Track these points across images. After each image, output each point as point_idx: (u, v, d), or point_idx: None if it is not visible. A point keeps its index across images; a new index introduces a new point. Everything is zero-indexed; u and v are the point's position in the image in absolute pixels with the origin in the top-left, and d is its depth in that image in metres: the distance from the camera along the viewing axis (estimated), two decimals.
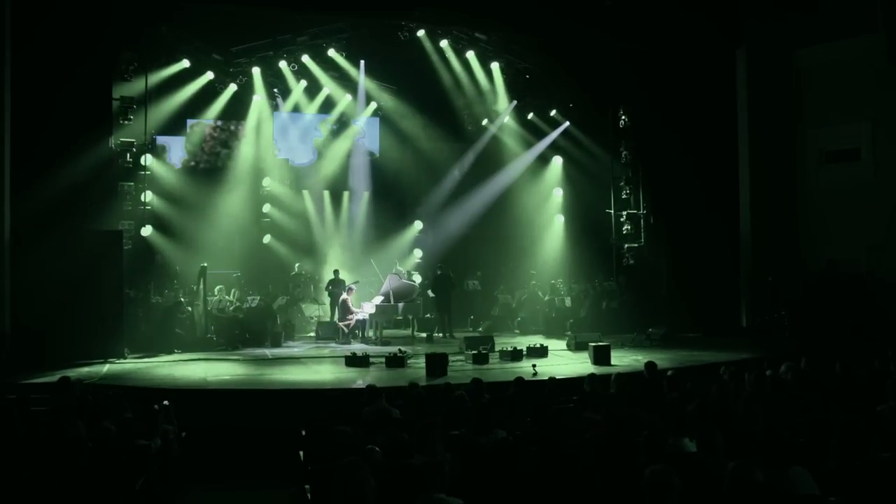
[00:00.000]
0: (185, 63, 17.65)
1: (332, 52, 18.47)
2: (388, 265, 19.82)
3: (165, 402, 8.85)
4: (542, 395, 9.22)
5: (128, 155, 15.72)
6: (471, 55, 18.75)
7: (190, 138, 20.00)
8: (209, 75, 18.30)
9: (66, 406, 8.42)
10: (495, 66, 19.15)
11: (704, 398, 8.03)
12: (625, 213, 19.21)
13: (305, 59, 18.50)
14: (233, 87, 18.83)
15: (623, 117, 19.07)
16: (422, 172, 21.50)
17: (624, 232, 19.22)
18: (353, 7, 16.45)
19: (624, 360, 13.94)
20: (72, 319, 13.45)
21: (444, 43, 18.30)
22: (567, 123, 20.52)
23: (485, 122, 21.18)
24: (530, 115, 20.85)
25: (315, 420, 8.66)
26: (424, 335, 18.04)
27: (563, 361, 13.97)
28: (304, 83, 19.44)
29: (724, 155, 18.47)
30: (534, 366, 12.28)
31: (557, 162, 21.13)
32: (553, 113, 20.56)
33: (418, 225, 21.75)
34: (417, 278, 20.15)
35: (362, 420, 8.35)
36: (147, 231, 17.22)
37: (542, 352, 14.40)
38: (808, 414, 7.93)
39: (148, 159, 17.33)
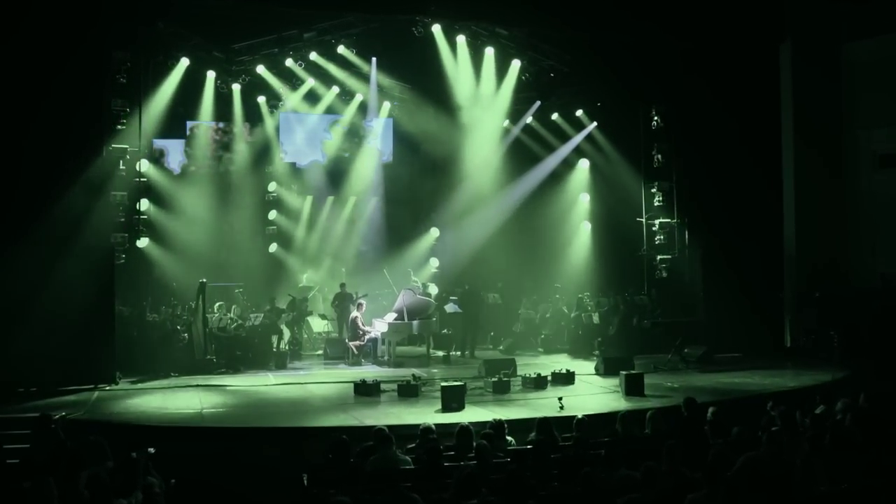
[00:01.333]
0: (185, 62, 17.21)
1: (341, 49, 17.92)
2: (402, 275, 19.46)
3: (151, 450, 8.28)
4: (569, 445, 8.54)
5: (121, 162, 15.13)
6: (490, 52, 18.15)
7: (190, 142, 19.68)
8: (210, 74, 17.94)
9: (39, 458, 7.88)
10: (516, 64, 18.51)
11: (755, 457, 7.33)
12: (657, 221, 18.65)
13: (313, 56, 18.00)
14: (236, 87, 18.51)
15: (655, 118, 18.52)
16: (438, 176, 20.98)
17: (656, 242, 18.66)
18: (362, 2, 15.87)
19: (659, 388, 13.24)
20: (58, 342, 13.00)
21: (461, 39, 17.68)
22: (594, 124, 20.00)
23: (506, 123, 20.67)
24: (555, 116, 20.33)
25: (317, 470, 8.14)
26: (441, 354, 17.48)
27: (592, 390, 13.31)
28: (311, 82, 18.95)
29: (767, 158, 17.74)
30: (560, 399, 11.62)
31: (584, 165, 20.60)
32: (579, 113, 20.05)
33: (435, 232, 21.30)
34: (434, 289, 19.70)
35: (367, 473, 7.76)
36: (143, 243, 16.85)
37: (568, 378, 13.80)
38: (877, 471, 7.26)
39: (144, 165, 16.91)
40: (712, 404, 10.72)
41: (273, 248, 20.33)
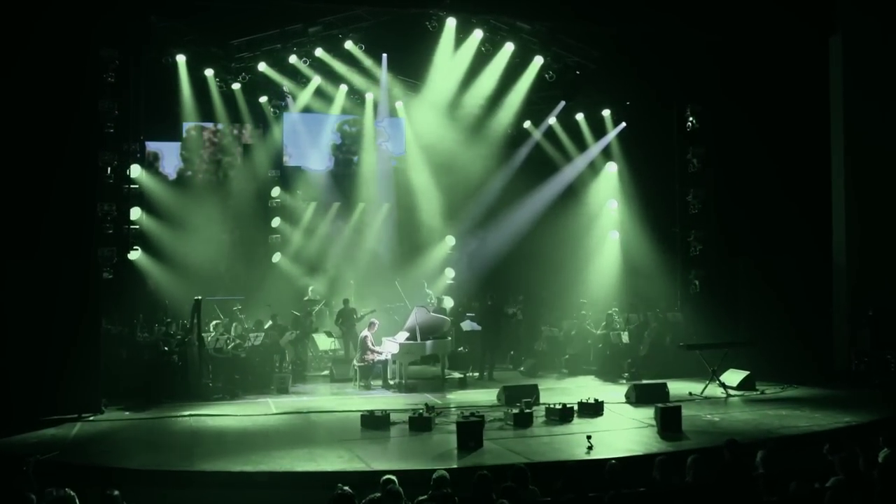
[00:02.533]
0: (180, 58, 17.01)
1: (349, 45, 17.65)
2: (415, 287, 19.14)
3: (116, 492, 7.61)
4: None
5: (109, 168, 14.67)
6: (510, 48, 17.73)
7: (186, 144, 19.48)
8: (208, 72, 17.73)
9: None
10: (538, 61, 18.03)
11: None
12: (693, 231, 18.03)
13: (319, 52, 17.77)
14: (236, 86, 18.28)
15: (691, 118, 17.96)
16: (454, 181, 20.43)
17: (692, 254, 18.06)
18: None
19: (697, 422, 12.48)
20: (37, 367, 12.44)
21: (478, 34, 17.29)
22: (623, 125, 19.57)
23: (527, 124, 20.31)
24: (580, 117, 19.95)
25: None
26: (457, 376, 16.83)
27: (623, 423, 12.57)
28: (317, 80, 18.75)
29: (815, 163, 16.90)
30: (588, 437, 10.88)
31: (612, 170, 20.14)
32: (606, 114, 19.67)
33: (450, 241, 20.99)
34: (449, 302, 19.31)
35: None
36: (135, 255, 16.52)
37: (596, 409, 13.09)
38: None
39: (135, 171, 16.60)
40: (759, 445, 9.99)
41: (276, 257, 20.03)
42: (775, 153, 16.52)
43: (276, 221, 20.03)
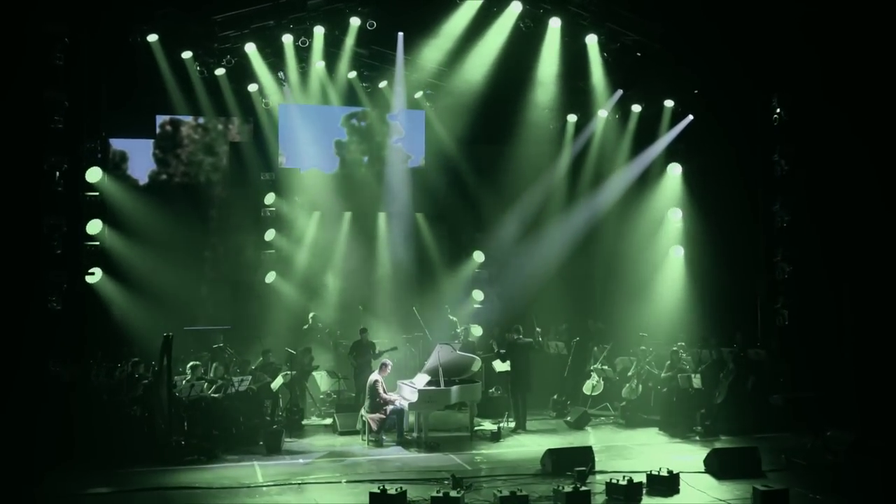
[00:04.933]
0: (152, 38, 16.11)
1: (356, 21, 16.69)
2: (437, 313, 18.48)
3: None
4: None
5: (57, 173, 13.55)
6: (555, 24, 16.67)
7: (161, 142, 18.83)
8: (186, 55, 16.77)
9: None
10: (591, 40, 16.93)
11: None
12: (780, 249, 16.75)
13: (319, 31, 16.88)
14: (220, 72, 17.41)
15: (778, 110, 16.75)
16: (483, 186, 19.88)
17: (779, 277, 16.77)
18: None
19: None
20: None
21: (516, 6, 16.31)
22: (690, 118, 18.41)
23: (573, 118, 19.49)
24: (638, 108, 18.87)
25: None
26: (490, 428, 15.39)
27: None
28: (319, 65, 17.89)
29: None
30: None
31: (675, 172, 18.98)
32: (671, 104, 18.50)
33: (478, 257, 20.31)
34: (477, 331, 18.55)
35: None
36: (94, 278, 15.64)
37: (670, 484, 11.33)
38: None
39: (96, 175, 15.70)
40: None
41: (270, 278, 19.14)
42: (889, 154, 14.89)
43: (270, 234, 19.20)
